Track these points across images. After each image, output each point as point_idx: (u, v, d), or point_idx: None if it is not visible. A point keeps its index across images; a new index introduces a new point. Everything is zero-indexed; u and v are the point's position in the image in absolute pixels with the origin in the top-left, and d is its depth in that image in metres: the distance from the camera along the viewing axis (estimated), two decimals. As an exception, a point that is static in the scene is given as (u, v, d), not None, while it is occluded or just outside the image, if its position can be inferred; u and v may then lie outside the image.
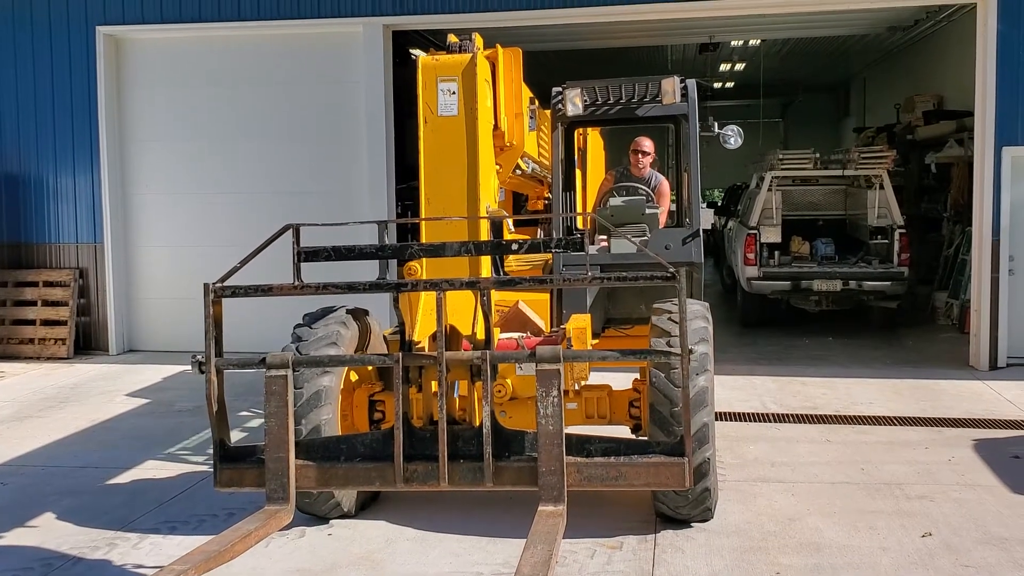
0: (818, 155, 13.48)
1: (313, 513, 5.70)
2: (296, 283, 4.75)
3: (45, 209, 12.13)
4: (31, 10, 11.93)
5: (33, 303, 12.02)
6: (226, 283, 4.63)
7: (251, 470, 4.72)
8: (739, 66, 22.06)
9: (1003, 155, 10.20)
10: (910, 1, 11.69)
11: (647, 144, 8.21)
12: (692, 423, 4.75)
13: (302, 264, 4.86)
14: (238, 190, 11.86)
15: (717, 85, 24.72)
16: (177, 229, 12.07)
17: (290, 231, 4.81)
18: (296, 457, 4.66)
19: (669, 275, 4.38)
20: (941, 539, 5.42)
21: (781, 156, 13.47)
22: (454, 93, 5.52)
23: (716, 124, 7.52)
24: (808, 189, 13.78)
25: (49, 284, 12.05)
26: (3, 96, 12.07)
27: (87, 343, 12.11)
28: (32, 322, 11.97)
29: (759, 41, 18.33)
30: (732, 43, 18.42)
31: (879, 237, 12.71)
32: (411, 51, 13.55)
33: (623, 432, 6.14)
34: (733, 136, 7.50)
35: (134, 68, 12.04)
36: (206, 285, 4.59)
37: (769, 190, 12.94)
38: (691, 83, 7.37)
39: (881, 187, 12.68)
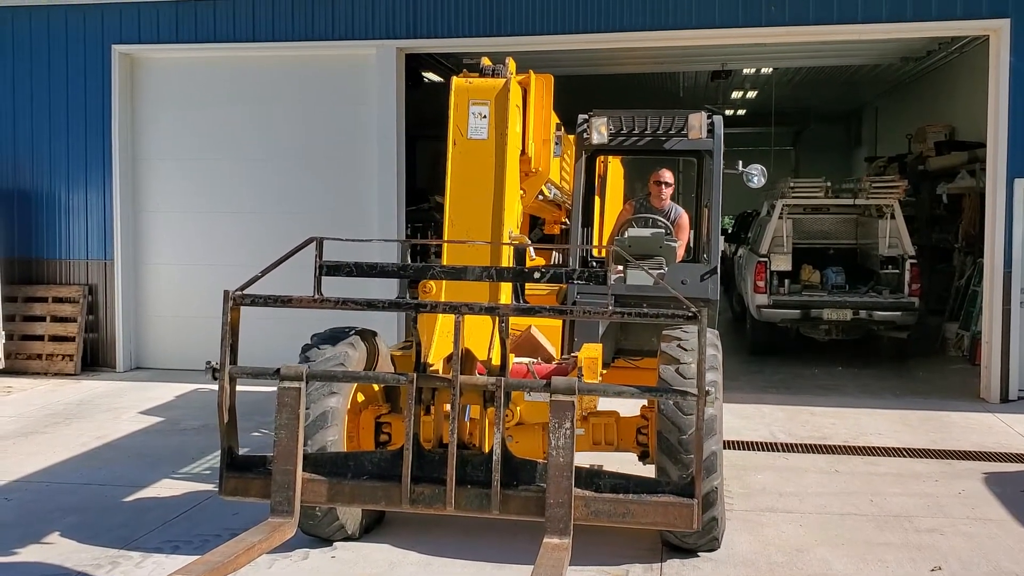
0: (829, 184, 13.49)
1: (317, 535, 5.66)
2: (316, 296, 4.73)
3: (56, 225, 12.16)
4: (48, 27, 12.02)
5: (42, 319, 12.03)
6: (245, 292, 4.61)
7: (257, 480, 4.68)
8: (751, 94, 22.07)
9: (1015, 187, 10.16)
10: (922, 32, 11.70)
11: (668, 176, 8.19)
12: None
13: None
14: (249, 209, 11.87)
15: (729, 113, 24.72)
16: (187, 248, 12.08)
17: (313, 244, 4.81)
18: (303, 471, 4.63)
19: (691, 314, 4.33)
20: (951, 573, 5.37)
21: (792, 184, 13.48)
22: (485, 117, 5.47)
23: (740, 162, 7.49)
24: (819, 218, 13.78)
25: (58, 300, 12.07)
26: (18, 112, 12.14)
27: (95, 360, 12.11)
28: (40, 337, 11.97)
29: (771, 69, 18.35)
30: (744, 71, 18.44)
31: (890, 267, 12.67)
32: (424, 74, 13.61)
33: (630, 458, 6.12)
34: (757, 175, 7.46)
35: (148, 87, 12.10)
36: (226, 292, 4.57)
37: (780, 218, 12.93)
38: (718, 119, 7.32)
39: (892, 217, 12.66)
